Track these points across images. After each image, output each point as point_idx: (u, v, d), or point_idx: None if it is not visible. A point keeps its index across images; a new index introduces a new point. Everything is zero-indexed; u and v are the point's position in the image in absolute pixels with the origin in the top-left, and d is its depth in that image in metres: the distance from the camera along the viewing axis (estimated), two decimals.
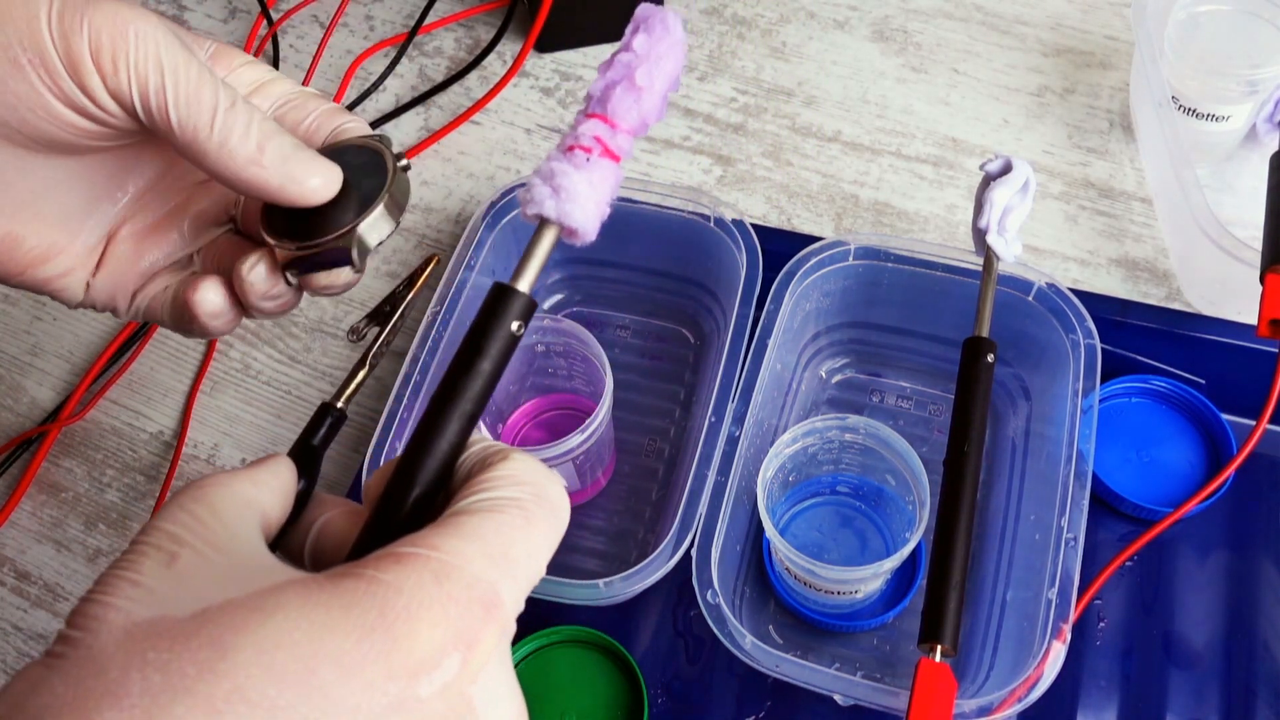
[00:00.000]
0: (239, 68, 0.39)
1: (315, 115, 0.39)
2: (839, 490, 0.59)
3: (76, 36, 0.33)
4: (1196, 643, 0.55)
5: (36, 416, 0.68)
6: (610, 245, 0.60)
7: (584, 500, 0.61)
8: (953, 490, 0.46)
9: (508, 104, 0.77)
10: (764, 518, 0.50)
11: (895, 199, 0.70)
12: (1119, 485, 0.58)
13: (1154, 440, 0.60)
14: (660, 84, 0.34)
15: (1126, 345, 0.60)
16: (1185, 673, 0.54)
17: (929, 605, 0.45)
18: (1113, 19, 0.77)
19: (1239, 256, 0.56)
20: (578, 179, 0.33)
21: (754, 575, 0.58)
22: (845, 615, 0.56)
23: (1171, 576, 0.57)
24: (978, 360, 0.49)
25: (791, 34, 0.78)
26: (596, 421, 0.53)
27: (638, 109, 0.34)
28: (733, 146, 0.73)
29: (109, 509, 0.64)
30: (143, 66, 0.33)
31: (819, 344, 0.63)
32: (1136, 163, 0.70)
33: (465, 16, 0.81)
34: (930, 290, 0.58)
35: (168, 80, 0.33)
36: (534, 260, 0.33)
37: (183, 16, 0.84)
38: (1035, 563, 0.50)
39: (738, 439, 0.53)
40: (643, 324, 0.67)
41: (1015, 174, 0.51)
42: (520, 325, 0.32)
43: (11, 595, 0.62)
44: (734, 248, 0.58)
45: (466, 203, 0.73)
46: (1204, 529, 0.58)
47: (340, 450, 0.64)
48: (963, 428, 0.48)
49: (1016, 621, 0.51)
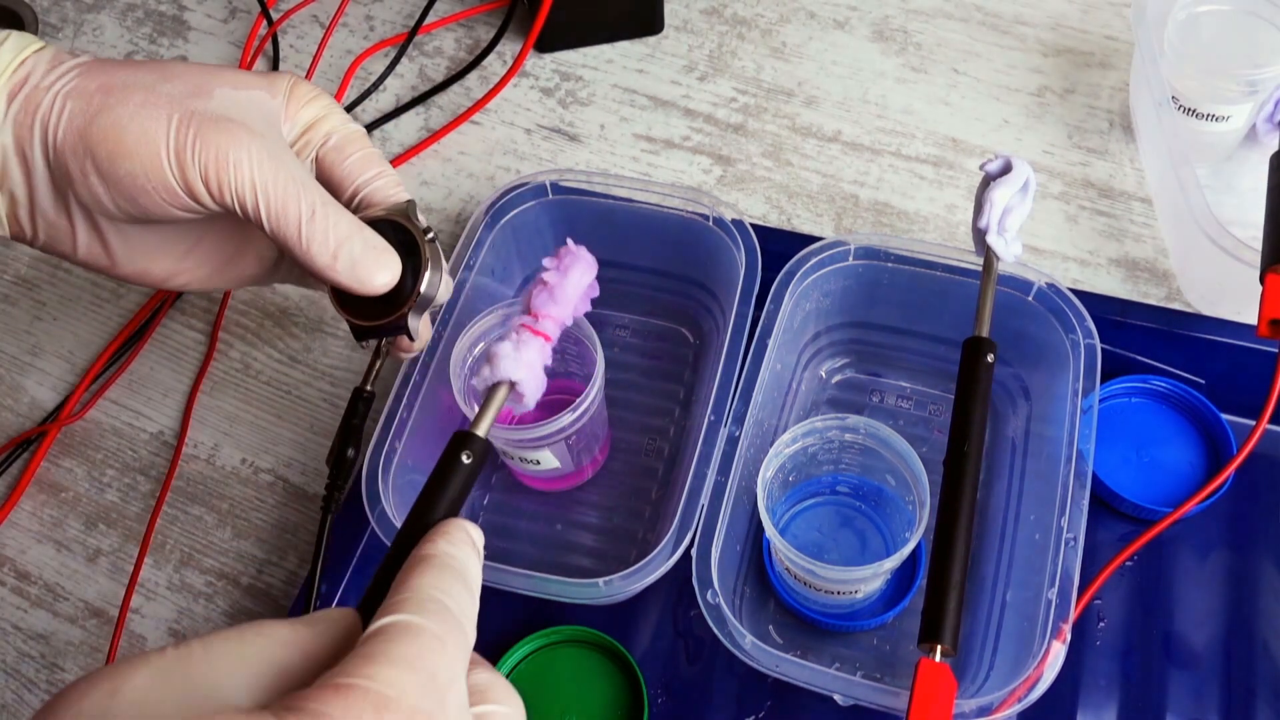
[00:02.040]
0: (303, 106, 0.47)
1: (353, 160, 0.47)
2: (839, 490, 0.58)
3: (191, 171, 0.42)
4: (1196, 643, 0.55)
5: (36, 416, 0.68)
6: (609, 244, 0.59)
7: (580, 481, 0.61)
8: (953, 490, 0.46)
9: (508, 104, 0.77)
10: (764, 518, 0.50)
11: (895, 199, 0.70)
12: (1119, 485, 0.58)
13: (1154, 440, 0.60)
14: (571, 284, 0.49)
15: (1126, 345, 0.60)
16: (1185, 673, 0.54)
17: (929, 605, 0.45)
18: (1113, 19, 0.77)
19: (1239, 256, 0.56)
20: (505, 346, 0.47)
21: (754, 575, 0.58)
22: (845, 615, 0.56)
23: (1171, 576, 0.57)
24: (978, 360, 0.49)
25: (791, 34, 0.78)
26: (588, 401, 0.54)
27: (553, 302, 0.48)
28: (733, 146, 0.73)
29: (109, 509, 0.64)
30: (240, 189, 0.42)
31: (819, 344, 0.63)
32: (1136, 163, 0.70)
33: (465, 16, 0.81)
34: (930, 290, 0.58)
35: (260, 200, 0.42)
36: (487, 413, 0.43)
37: (183, 16, 0.84)
38: (1035, 563, 0.50)
39: (738, 439, 0.53)
40: (642, 324, 0.67)
41: (1015, 174, 0.51)
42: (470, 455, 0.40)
43: (11, 595, 0.62)
44: (734, 248, 0.58)
45: (466, 203, 0.73)
46: (1204, 529, 0.58)
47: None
48: (963, 428, 0.48)
49: (1016, 621, 0.51)
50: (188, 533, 0.63)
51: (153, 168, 0.42)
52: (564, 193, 0.62)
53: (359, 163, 0.47)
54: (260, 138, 0.43)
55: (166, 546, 0.62)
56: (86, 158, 0.42)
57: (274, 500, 0.63)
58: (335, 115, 0.47)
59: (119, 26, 0.84)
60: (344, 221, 0.44)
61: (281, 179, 0.43)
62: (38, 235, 0.45)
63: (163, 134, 0.42)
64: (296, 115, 0.47)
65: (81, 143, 0.42)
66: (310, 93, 0.47)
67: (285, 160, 0.43)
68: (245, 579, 0.61)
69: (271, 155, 0.43)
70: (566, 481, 0.61)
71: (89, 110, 0.42)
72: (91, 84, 0.42)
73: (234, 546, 0.62)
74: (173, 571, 0.62)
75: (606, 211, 0.61)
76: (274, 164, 0.43)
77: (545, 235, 0.64)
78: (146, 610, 0.61)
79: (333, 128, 0.47)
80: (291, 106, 0.46)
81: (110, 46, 0.83)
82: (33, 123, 0.42)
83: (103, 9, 0.85)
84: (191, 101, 0.43)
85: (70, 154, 0.42)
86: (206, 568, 0.62)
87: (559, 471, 0.58)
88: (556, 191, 0.62)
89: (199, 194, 0.42)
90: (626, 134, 0.75)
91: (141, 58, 0.82)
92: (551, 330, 0.48)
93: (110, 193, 0.43)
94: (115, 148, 0.42)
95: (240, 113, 0.43)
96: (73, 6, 0.85)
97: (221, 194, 0.42)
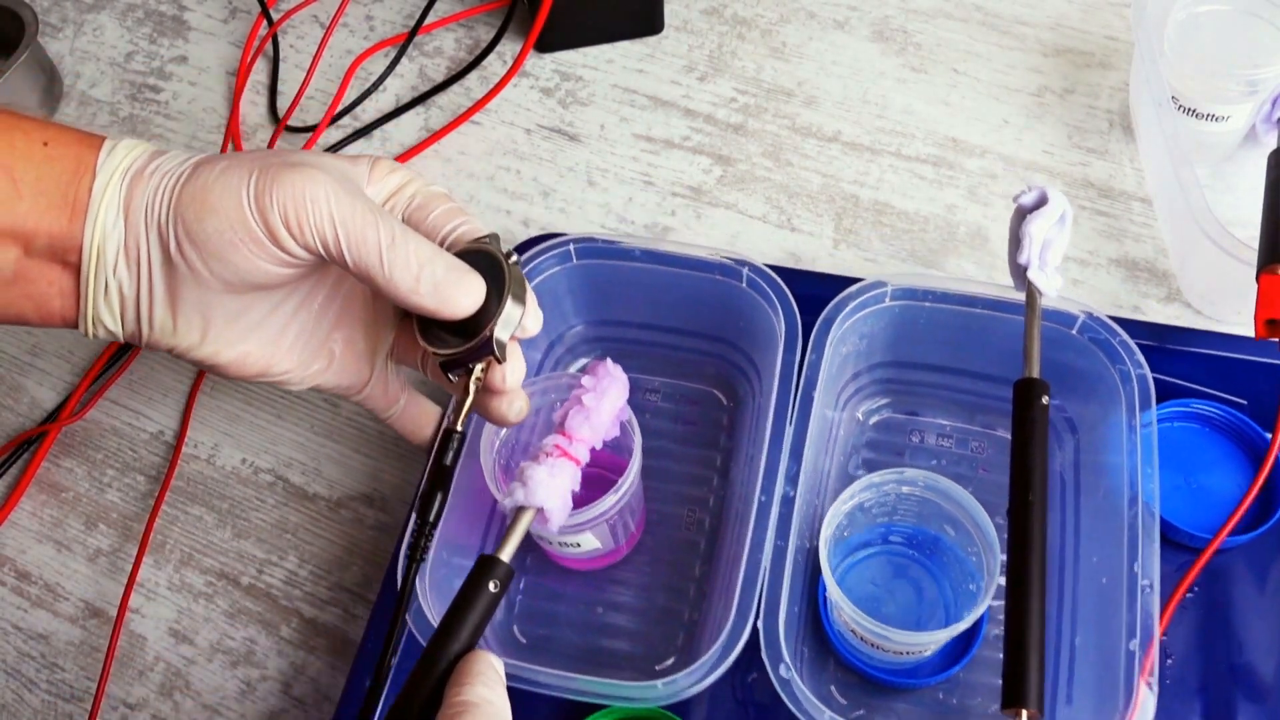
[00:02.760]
0: (385, 176, 0.49)
1: (438, 213, 0.48)
2: (891, 540, 0.56)
3: (271, 214, 0.43)
4: (1266, 674, 0.53)
5: (37, 416, 0.68)
6: (633, 305, 0.58)
7: (617, 559, 0.58)
8: (1022, 543, 0.44)
9: (508, 104, 0.77)
10: (829, 583, 0.48)
11: (895, 199, 0.70)
12: (1170, 514, 0.55)
13: (1200, 465, 0.58)
14: (606, 408, 0.49)
15: (1164, 370, 0.57)
16: (1260, 706, 0.52)
17: (1010, 667, 0.42)
18: (1113, 19, 0.77)
19: (1238, 256, 0.56)
20: (540, 471, 0.46)
21: (811, 632, 0.55)
22: (909, 671, 0.53)
23: (1231, 605, 0.55)
24: (1032, 403, 0.46)
25: (791, 34, 0.78)
26: (630, 479, 0.52)
27: (588, 425, 0.48)
28: (733, 146, 0.73)
29: (109, 509, 0.64)
30: (320, 224, 0.43)
31: (856, 385, 0.61)
32: (1136, 163, 0.70)
33: (465, 16, 0.81)
34: (968, 326, 0.56)
35: (340, 232, 0.43)
36: (513, 537, 0.44)
37: (183, 16, 0.84)
38: (1106, 609, 0.48)
39: (793, 499, 0.50)
40: (672, 386, 0.63)
41: (1052, 206, 0.49)
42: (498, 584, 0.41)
43: (12, 595, 0.62)
44: (767, 305, 0.56)
45: (466, 203, 0.73)
46: (1260, 553, 0.55)
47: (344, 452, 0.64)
48: (1024, 476, 0.45)
49: (1092, 670, 0.49)
50: (187, 532, 0.63)
51: (236, 218, 0.43)
52: (587, 256, 0.59)
53: (444, 215, 0.48)
54: (336, 178, 0.44)
55: (166, 546, 0.62)
56: (179, 223, 0.44)
57: (274, 500, 0.63)
58: (418, 180, 0.49)
59: (119, 26, 0.84)
60: (425, 247, 0.45)
61: (359, 210, 0.44)
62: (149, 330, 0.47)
63: (244, 185, 0.43)
64: (380, 182, 0.48)
65: (172, 212, 0.44)
66: (392, 166, 0.49)
67: (361, 196, 0.45)
68: (245, 579, 0.61)
69: (348, 191, 0.44)
70: (604, 560, 0.58)
71: (179, 181, 0.44)
72: (184, 164, 0.45)
73: (234, 546, 0.62)
74: (173, 571, 0.62)
75: (632, 273, 0.59)
76: (350, 199, 0.44)
77: (565, 302, 0.61)
78: (146, 610, 0.61)
79: (417, 190, 0.49)
80: (375, 175, 0.48)
81: (110, 46, 0.83)
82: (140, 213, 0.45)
83: (103, 9, 0.85)
84: (272, 157, 0.45)
85: (167, 226, 0.44)
86: (206, 568, 0.62)
87: (599, 551, 0.56)
88: (581, 256, 0.59)
89: (281, 237, 0.43)
90: (626, 134, 0.75)
91: (141, 58, 0.82)
92: (583, 455, 0.48)
93: (201, 255, 0.44)
94: (201, 208, 0.44)
95: (318, 161, 0.45)
96: (73, 6, 0.85)
97: (303, 233, 0.43)
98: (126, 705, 0.58)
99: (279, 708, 0.57)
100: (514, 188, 0.73)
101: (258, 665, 0.59)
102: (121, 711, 0.58)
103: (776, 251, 0.68)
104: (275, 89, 0.79)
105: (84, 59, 0.82)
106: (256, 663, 0.59)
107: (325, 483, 0.64)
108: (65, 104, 0.80)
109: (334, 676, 0.58)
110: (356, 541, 0.62)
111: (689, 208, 0.71)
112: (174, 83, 0.81)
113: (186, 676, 0.59)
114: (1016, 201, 0.50)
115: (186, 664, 0.59)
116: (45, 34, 0.83)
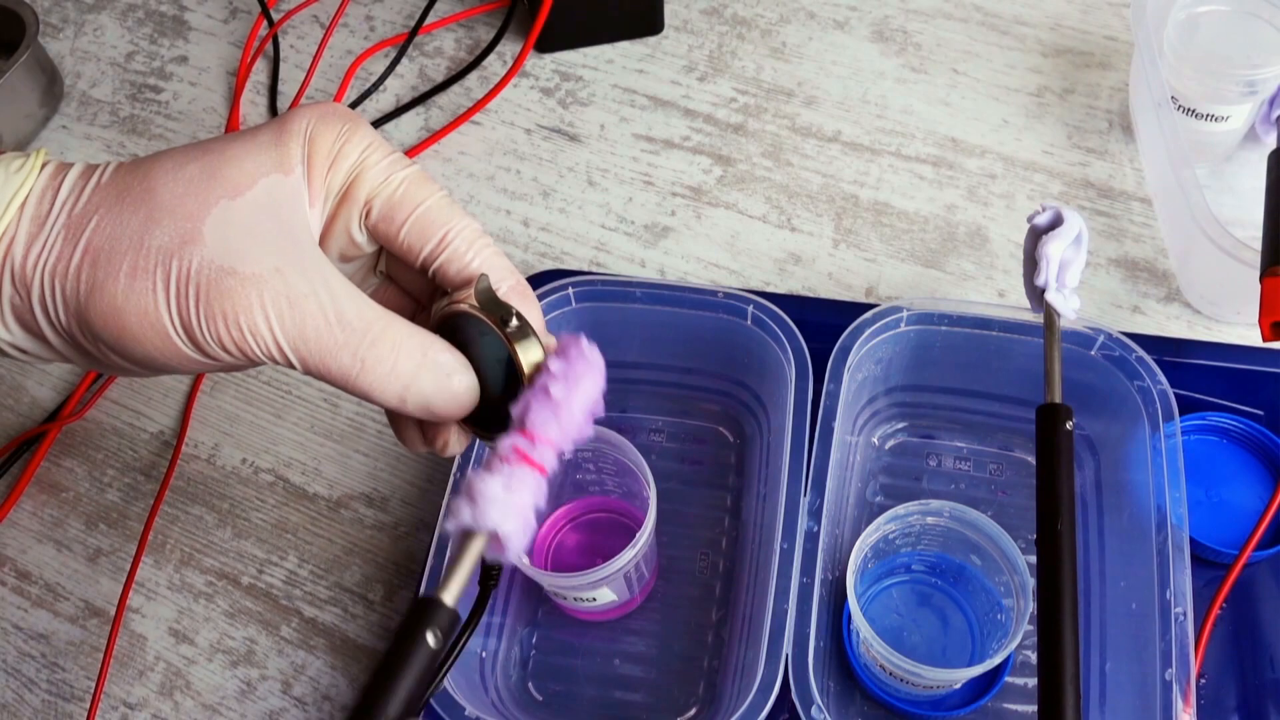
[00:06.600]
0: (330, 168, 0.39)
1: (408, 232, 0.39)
2: (914, 569, 0.55)
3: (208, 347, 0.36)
4: None
5: (37, 416, 0.68)
6: (637, 345, 0.56)
7: (631, 609, 0.57)
8: (1052, 575, 0.43)
9: (508, 104, 0.77)
10: (860, 624, 0.47)
11: (895, 199, 0.70)
12: (1192, 529, 0.54)
13: (1220, 479, 0.58)
14: (578, 401, 0.36)
15: (1179, 384, 0.56)
16: None
17: (1046, 704, 0.41)
18: (1112, 19, 0.77)
19: (1239, 257, 0.56)
20: (492, 484, 0.34)
21: (836, 665, 0.54)
22: (937, 703, 0.53)
23: (1260, 621, 0.54)
24: (1056, 429, 0.45)
25: (791, 34, 0.78)
26: (647, 531, 0.50)
27: (556, 423, 0.36)
28: (733, 146, 0.73)
29: (109, 509, 0.64)
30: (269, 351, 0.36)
31: (871, 410, 0.60)
32: (1136, 163, 0.70)
33: (465, 17, 0.82)
34: (984, 349, 0.56)
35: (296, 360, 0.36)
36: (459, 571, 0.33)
37: (183, 17, 0.84)
38: (1138, 636, 0.48)
39: (817, 533, 0.49)
40: (677, 425, 0.62)
41: (1068, 226, 0.48)
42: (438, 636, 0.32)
43: (12, 595, 0.62)
44: (773, 342, 0.55)
45: (466, 203, 0.73)
46: None
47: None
48: (1052, 504, 0.44)
49: (1126, 698, 0.48)
50: (187, 532, 0.63)
51: (168, 351, 0.36)
52: (587, 299, 0.57)
53: (415, 234, 0.39)
54: (274, 281, 0.35)
55: (166, 546, 0.62)
56: (99, 342, 0.36)
57: (274, 500, 0.63)
58: (371, 167, 0.38)
59: (119, 27, 0.84)
60: (403, 359, 0.37)
61: (311, 331, 0.35)
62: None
63: (163, 312, 0.35)
64: (326, 186, 0.38)
65: (86, 330, 0.36)
66: (331, 140, 0.38)
67: (312, 299, 0.36)
68: (245, 579, 0.61)
69: (293, 302, 0.35)
70: (619, 610, 0.56)
71: (80, 292, 0.36)
72: (75, 253, 0.35)
73: (234, 546, 0.62)
74: (173, 571, 0.62)
75: (632, 313, 0.57)
76: (297, 314, 0.35)
77: None
78: (146, 610, 0.61)
79: (373, 190, 0.38)
80: (314, 177, 0.38)
81: (111, 46, 0.83)
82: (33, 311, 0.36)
83: (103, 9, 0.85)
84: (183, 253, 0.35)
85: (83, 339, 0.37)
86: (206, 567, 0.62)
87: (614, 603, 0.54)
88: (580, 300, 0.57)
89: (229, 364, 0.37)
90: (626, 134, 0.75)
91: (142, 58, 0.82)
92: (549, 461, 0.36)
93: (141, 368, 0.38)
94: (120, 334, 0.36)
95: (244, 245, 0.36)
96: (73, 7, 0.85)
97: (254, 358, 0.36)
98: (126, 705, 0.58)
99: (279, 708, 0.57)
100: (514, 188, 0.73)
101: (258, 665, 0.59)
102: (121, 711, 0.58)
103: (776, 251, 0.68)
104: (275, 89, 0.79)
105: (84, 59, 0.83)
106: (256, 662, 0.59)
107: (325, 482, 0.64)
108: (65, 104, 0.80)
109: (334, 676, 0.58)
110: (356, 541, 0.62)
111: (689, 208, 0.71)
112: (174, 83, 0.81)
113: (186, 676, 0.59)
114: (1030, 222, 0.49)
115: (186, 664, 0.59)
116: (46, 34, 0.83)
